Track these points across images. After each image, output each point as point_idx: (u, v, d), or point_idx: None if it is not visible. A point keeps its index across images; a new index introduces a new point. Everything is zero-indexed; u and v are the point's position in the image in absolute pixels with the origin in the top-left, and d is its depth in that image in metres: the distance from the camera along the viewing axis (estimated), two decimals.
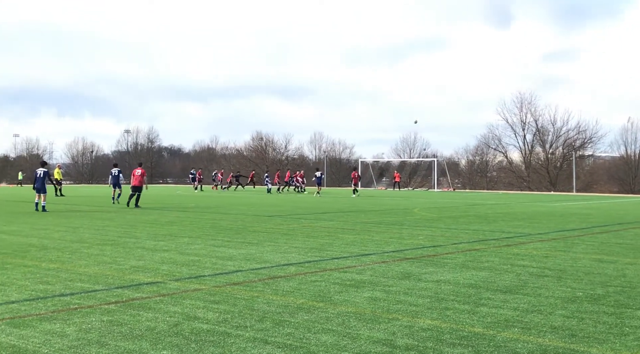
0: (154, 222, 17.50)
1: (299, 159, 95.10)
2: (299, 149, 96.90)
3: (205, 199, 33.36)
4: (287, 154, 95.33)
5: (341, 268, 9.33)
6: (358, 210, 24.16)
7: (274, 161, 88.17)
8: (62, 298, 7.10)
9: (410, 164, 79.10)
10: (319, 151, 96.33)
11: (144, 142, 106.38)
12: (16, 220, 18.23)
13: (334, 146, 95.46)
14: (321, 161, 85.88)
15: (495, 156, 78.79)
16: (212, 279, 8.39)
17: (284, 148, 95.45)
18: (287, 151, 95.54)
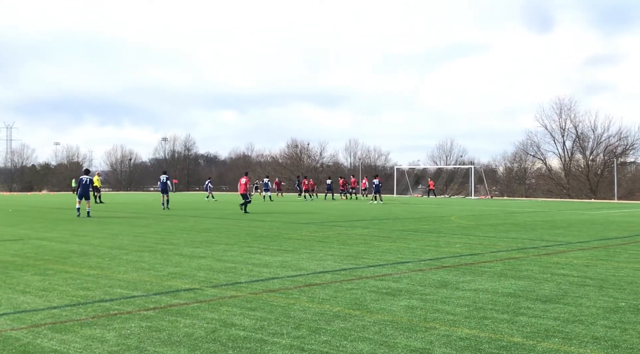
0: (191, 229, 17.71)
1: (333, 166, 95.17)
2: (334, 156, 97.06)
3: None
4: (322, 161, 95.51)
5: (377, 276, 9.30)
6: (394, 217, 24.05)
7: (309, 168, 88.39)
8: (102, 303, 7.24)
9: (447, 172, 78.41)
10: (354, 158, 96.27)
11: (181, 149, 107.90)
12: (57, 227, 18.65)
13: (369, 153, 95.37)
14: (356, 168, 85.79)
15: (533, 162, 77.55)
16: (249, 286, 8.44)
17: (319, 155, 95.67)
18: (322, 158, 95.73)
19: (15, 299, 7.48)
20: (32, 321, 6.35)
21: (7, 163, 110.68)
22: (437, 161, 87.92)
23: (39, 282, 8.68)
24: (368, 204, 37.81)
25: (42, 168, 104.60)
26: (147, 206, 34.27)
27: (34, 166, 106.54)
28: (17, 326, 6.13)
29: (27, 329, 5.98)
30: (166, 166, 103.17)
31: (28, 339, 5.64)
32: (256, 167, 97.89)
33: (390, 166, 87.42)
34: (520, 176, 78.33)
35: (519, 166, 79.04)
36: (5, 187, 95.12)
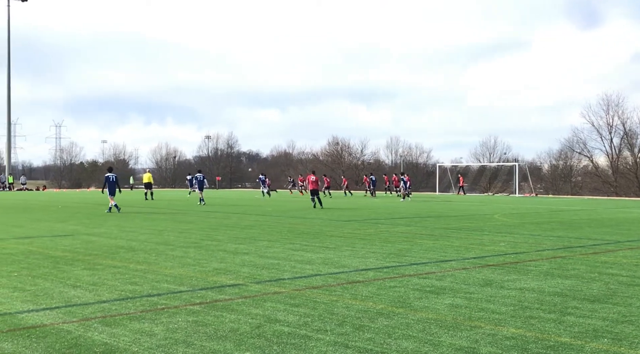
0: (234, 226, 17.91)
1: (374, 163, 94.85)
2: (375, 154, 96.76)
3: (282, 204, 33.81)
4: (363, 158, 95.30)
5: (420, 274, 9.25)
6: (437, 215, 23.84)
7: (350, 166, 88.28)
8: (149, 298, 7.39)
9: (490, 169, 77.31)
10: (396, 155, 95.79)
11: (224, 147, 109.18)
12: (105, 223, 19.09)
13: (410, 151, 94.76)
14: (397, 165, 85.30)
15: (580, 160, 75.83)
16: (292, 282, 8.50)
17: (360, 153, 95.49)
18: (363, 155, 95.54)
19: (67, 293, 7.69)
20: (83, 314, 6.53)
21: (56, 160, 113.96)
22: (480, 158, 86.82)
23: (88, 276, 8.91)
24: (401, 201, 37.58)
25: (90, 165, 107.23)
26: (191, 203, 34.77)
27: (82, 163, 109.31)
28: (68, 319, 6.30)
29: (79, 323, 6.15)
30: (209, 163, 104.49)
31: (79, 332, 5.80)
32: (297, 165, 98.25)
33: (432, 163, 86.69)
34: (565, 174, 76.68)
35: (564, 163, 77.40)
36: (54, 184, 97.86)
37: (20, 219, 20.52)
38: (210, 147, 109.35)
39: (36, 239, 14.04)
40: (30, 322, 6.16)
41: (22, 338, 5.58)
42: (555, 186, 74.54)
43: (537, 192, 66.28)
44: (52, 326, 5.99)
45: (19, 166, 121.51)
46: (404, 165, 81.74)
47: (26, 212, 24.60)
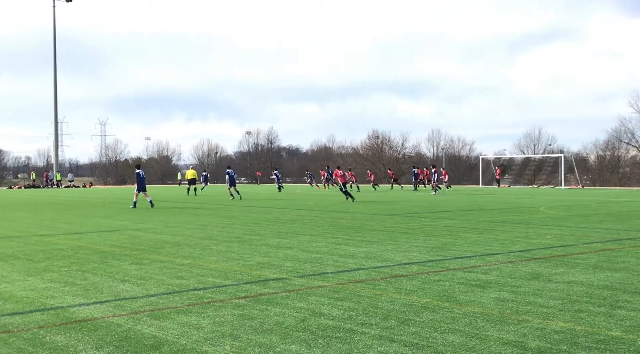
0: (276, 221, 18.03)
1: (416, 156, 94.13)
2: (416, 147, 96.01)
3: (323, 199, 33.88)
4: (404, 151, 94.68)
5: (465, 268, 9.16)
6: (480, 208, 23.56)
7: (391, 159, 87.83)
8: (195, 292, 7.51)
9: (535, 161, 75.90)
10: (437, 148, 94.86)
11: (264, 142, 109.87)
12: (150, 218, 19.46)
13: (452, 143, 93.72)
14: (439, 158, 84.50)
15: (627, 150, 73.77)
16: (335, 276, 8.52)
17: (401, 146, 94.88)
18: (404, 148, 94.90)
19: (115, 287, 7.88)
20: (132, 308, 6.67)
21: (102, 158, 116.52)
22: (525, 149, 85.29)
23: (136, 271, 9.11)
24: (438, 195, 37.21)
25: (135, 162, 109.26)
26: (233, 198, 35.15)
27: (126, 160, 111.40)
28: (118, 312, 6.46)
29: (128, 316, 6.29)
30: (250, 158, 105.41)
31: (129, 325, 5.93)
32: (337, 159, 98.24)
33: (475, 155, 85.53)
34: (613, 165, 74.72)
35: (611, 154, 75.43)
36: (100, 180, 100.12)
37: (69, 216, 21.08)
38: (251, 143, 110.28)
39: (85, 235, 14.41)
40: (81, 315, 6.33)
41: (74, 331, 5.74)
42: (602, 177, 72.72)
43: (583, 184, 64.83)
44: (103, 320, 6.15)
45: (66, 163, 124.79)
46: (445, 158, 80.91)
47: (74, 209, 25.25)
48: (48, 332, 5.70)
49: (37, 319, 6.21)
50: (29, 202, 30.99)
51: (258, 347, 5.16)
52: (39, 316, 6.32)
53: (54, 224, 17.47)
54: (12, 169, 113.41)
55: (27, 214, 21.95)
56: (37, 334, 5.64)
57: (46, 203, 30.33)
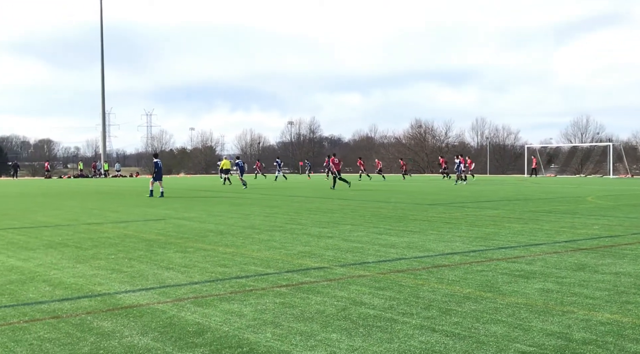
0: (317, 210, 18.09)
1: (459, 145, 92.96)
2: (459, 136, 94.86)
3: (364, 188, 33.81)
4: (448, 141, 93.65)
5: (509, 258, 9.03)
6: (525, 198, 23.15)
7: (434, 149, 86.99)
8: (238, 280, 7.61)
9: (582, 150, 74.11)
10: (481, 137, 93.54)
11: (306, 132, 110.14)
12: (194, 207, 19.76)
13: (497, 132, 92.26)
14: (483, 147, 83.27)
15: None
16: (376, 266, 8.51)
17: (444, 135, 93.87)
18: (448, 138, 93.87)
19: (160, 274, 8.04)
20: (176, 295, 6.80)
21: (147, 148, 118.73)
22: (572, 138, 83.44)
23: (180, 259, 9.27)
24: (462, 184, 36.71)
25: (179, 152, 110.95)
26: (275, 188, 35.42)
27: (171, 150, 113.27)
28: (162, 299, 6.59)
29: (172, 303, 6.41)
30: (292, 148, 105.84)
31: (173, 312, 6.05)
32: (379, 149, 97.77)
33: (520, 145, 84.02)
34: None
35: None
36: (146, 170, 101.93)
37: (116, 205, 21.57)
38: (293, 133, 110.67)
39: (131, 224, 14.73)
40: (127, 302, 6.49)
41: (120, 317, 5.88)
42: None
43: (633, 173, 63.01)
44: (148, 306, 6.28)
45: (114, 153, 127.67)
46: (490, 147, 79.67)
47: (121, 198, 25.83)
48: (95, 318, 5.86)
49: (85, 305, 6.39)
50: (77, 192, 31.83)
51: (299, 335, 5.20)
52: (86, 302, 6.50)
53: (102, 213, 17.90)
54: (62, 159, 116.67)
55: (76, 203, 22.55)
56: (84, 319, 5.80)
57: (94, 192, 31.09)
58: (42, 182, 51.18)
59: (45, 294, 6.94)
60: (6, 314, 6.05)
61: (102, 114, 74.08)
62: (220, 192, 30.35)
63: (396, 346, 4.88)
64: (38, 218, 16.49)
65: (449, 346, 4.86)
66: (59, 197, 26.85)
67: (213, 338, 5.15)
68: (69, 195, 28.67)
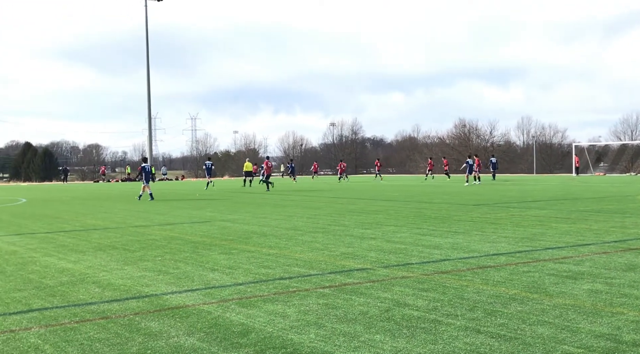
0: (360, 211, 18.06)
1: (505, 145, 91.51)
2: (505, 135, 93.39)
3: (408, 189, 33.60)
4: (493, 140, 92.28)
5: (556, 259, 8.85)
6: (573, 198, 22.64)
7: (478, 148, 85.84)
8: (281, 281, 7.66)
9: (632, 148, 72.04)
10: (527, 136, 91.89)
11: (348, 134, 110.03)
12: (238, 209, 19.97)
13: (543, 131, 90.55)
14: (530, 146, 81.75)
15: None
16: (420, 267, 8.46)
17: (489, 134, 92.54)
18: (492, 137, 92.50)
19: (206, 275, 8.16)
20: (221, 296, 6.89)
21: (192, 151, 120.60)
22: (621, 136, 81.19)
23: (225, 260, 9.39)
24: (476, 184, 36.24)
25: (223, 155, 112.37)
26: (318, 190, 35.50)
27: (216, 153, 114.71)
28: (208, 300, 6.69)
29: (217, 304, 6.51)
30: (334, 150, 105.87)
31: (218, 312, 6.13)
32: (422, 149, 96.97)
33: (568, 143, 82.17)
34: None
35: None
36: (191, 173, 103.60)
37: (162, 207, 21.96)
38: (335, 134, 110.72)
39: (177, 226, 14.98)
40: (173, 303, 6.61)
41: (167, 317, 6.00)
42: None
43: None
44: (194, 307, 6.39)
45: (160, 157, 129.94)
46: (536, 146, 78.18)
47: (167, 201, 26.28)
48: (143, 318, 5.99)
49: (133, 306, 6.54)
50: (125, 195, 32.51)
51: (342, 336, 5.21)
52: (134, 303, 6.65)
53: (148, 216, 18.25)
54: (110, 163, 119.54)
55: (124, 206, 23.05)
56: (132, 320, 5.94)
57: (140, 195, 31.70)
58: (91, 186, 52.49)
59: (95, 295, 7.13)
60: (58, 314, 6.23)
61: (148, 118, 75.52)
62: (264, 194, 30.59)
63: (440, 347, 4.85)
64: (87, 221, 16.93)
65: (494, 347, 4.80)
66: (108, 201, 27.49)
67: (257, 339, 5.20)
68: (117, 198, 29.33)
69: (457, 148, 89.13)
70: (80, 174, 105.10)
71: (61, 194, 36.23)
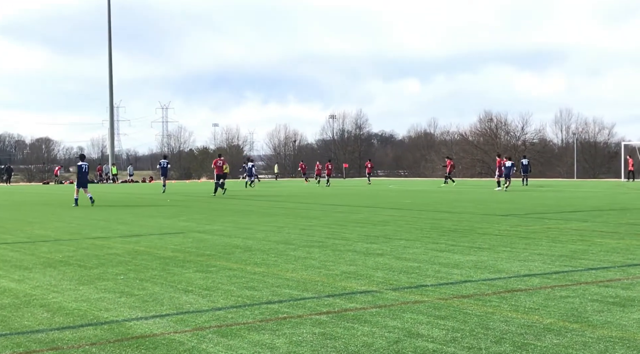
0: (365, 222, 18.09)
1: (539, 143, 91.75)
2: (539, 132, 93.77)
3: (422, 196, 33.67)
4: (525, 137, 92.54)
5: (600, 281, 8.88)
6: (621, 208, 22.73)
7: (507, 147, 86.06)
8: (269, 305, 7.67)
9: None
10: (567, 133, 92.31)
11: (352, 128, 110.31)
12: (219, 218, 19.99)
13: (586, 126, 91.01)
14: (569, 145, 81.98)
15: None
16: (436, 289, 8.47)
17: (520, 131, 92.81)
18: (525, 134, 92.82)
19: (178, 298, 8.16)
20: (196, 323, 6.89)
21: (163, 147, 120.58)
22: None
23: (201, 280, 9.39)
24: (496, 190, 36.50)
25: (200, 153, 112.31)
26: (316, 195, 35.54)
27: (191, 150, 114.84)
28: (180, 328, 6.69)
29: (191, 333, 6.50)
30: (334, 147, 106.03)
31: (192, 343, 6.13)
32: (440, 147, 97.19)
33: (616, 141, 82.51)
34: None
35: None
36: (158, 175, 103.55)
37: (126, 215, 21.97)
38: (336, 129, 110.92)
39: (144, 238, 14.98)
40: (139, 331, 6.60)
41: (130, 348, 5.99)
42: None
43: None
44: (163, 336, 6.38)
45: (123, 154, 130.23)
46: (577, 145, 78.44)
47: (132, 208, 26.30)
48: (101, 350, 5.98)
49: (89, 334, 6.52)
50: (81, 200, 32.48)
51: None
52: (91, 331, 6.63)
53: (109, 225, 18.25)
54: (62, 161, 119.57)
55: (79, 214, 23.05)
56: (88, 351, 5.93)
57: (100, 201, 31.71)
58: (40, 189, 52.49)
59: (43, 321, 7.11)
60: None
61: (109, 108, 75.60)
62: (249, 200, 30.62)
63: None
64: (35, 231, 16.92)
65: None
66: (60, 207, 27.49)
67: None
68: (71, 204, 29.30)
69: (481, 147, 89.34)
70: (26, 173, 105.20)
71: (3, 198, 36.22)
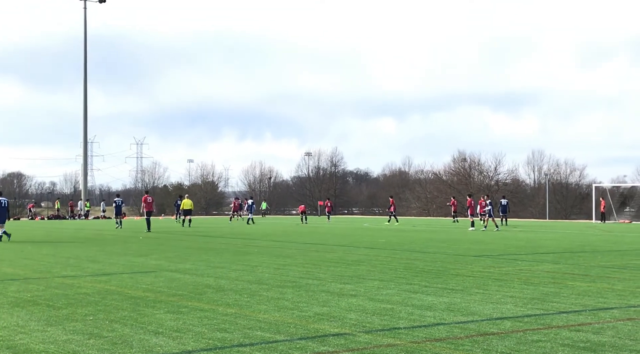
0: (339, 261, 18.04)
1: (512, 184, 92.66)
2: (512, 172, 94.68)
3: (396, 234, 33.72)
4: (498, 177, 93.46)
5: (572, 325, 8.92)
6: (593, 250, 22.92)
7: (481, 187, 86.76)
8: (240, 348, 7.59)
9: None
10: (539, 173, 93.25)
11: (327, 166, 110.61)
12: (191, 257, 19.82)
13: (558, 168, 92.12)
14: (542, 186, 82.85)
15: None
16: (409, 332, 8.45)
17: (494, 171, 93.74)
18: (498, 174, 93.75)
19: (148, 341, 8.04)
20: None
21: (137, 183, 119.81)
22: None
23: (172, 321, 9.28)
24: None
25: (175, 189, 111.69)
26: (289, 233, 35.44)
27: (165, 186, 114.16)
28: None
29: None
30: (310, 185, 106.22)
31: None
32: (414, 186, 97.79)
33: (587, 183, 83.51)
34: None
35: None
36: (135, 210, 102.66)
37: (97, 253, 21.71)
38: (311, 166, 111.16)
39: (114, 277, 14.80)
40: None
41: None
42: None
43: None
44: None
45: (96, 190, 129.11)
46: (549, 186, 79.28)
47: (103, 245, 26.01)
48: None
49: None
50: (52, 236, 32.15)
51: None
52: None
53: (80, 263, 18.02)
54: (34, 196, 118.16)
55: (50, 251, 22.75)
56: None
57: (72, 237, 31.38)
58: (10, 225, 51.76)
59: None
60: None
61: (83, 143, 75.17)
62: (223, 238, 30.44)
63: None
64: (3, 269, 16.66)
65: None
66: (29, 244, 27.11)
67: None
68: (42, 240, 28.95)
69: (455, 186, 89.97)
70: None
71: None
